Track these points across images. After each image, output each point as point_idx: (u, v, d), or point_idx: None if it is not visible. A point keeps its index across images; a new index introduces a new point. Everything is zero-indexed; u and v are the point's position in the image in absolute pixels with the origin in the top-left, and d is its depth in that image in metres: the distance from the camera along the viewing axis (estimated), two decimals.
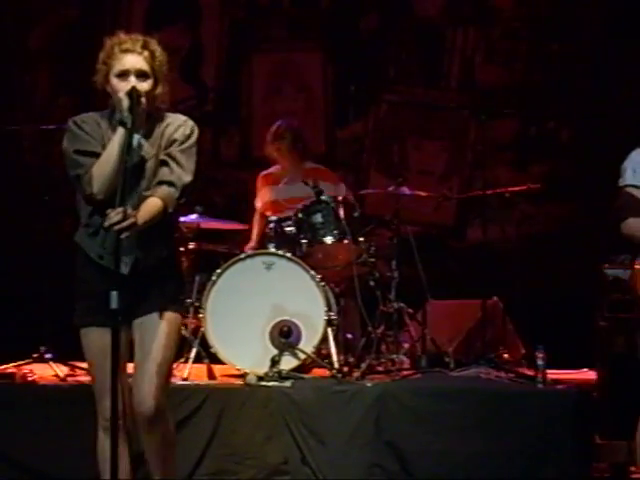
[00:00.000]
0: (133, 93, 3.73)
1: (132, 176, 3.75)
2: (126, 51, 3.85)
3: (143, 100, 3.76)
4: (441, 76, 8.52)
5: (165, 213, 3.81)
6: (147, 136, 3.88)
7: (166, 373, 3.93)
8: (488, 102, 7.87)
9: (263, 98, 8.65)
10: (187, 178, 3.87)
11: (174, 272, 4.03)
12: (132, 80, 3.80)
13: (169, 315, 3.90)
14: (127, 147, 3.67)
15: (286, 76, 8.62)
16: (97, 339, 3.84)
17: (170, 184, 3.83)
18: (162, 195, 3.81)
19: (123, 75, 3.81)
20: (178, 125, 3.93)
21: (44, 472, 5.35)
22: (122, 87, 3.79)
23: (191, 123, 3.97)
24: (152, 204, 3.78)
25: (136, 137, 3.78)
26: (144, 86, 3.82)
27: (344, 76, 8.48)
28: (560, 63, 8.11)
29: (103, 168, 3.72)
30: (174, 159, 3.86)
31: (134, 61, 3.83)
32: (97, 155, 3.79)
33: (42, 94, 8.49)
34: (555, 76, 8.12)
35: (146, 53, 3.87)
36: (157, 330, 3.86)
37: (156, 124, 3.93)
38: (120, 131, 3.72)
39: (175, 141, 3.90)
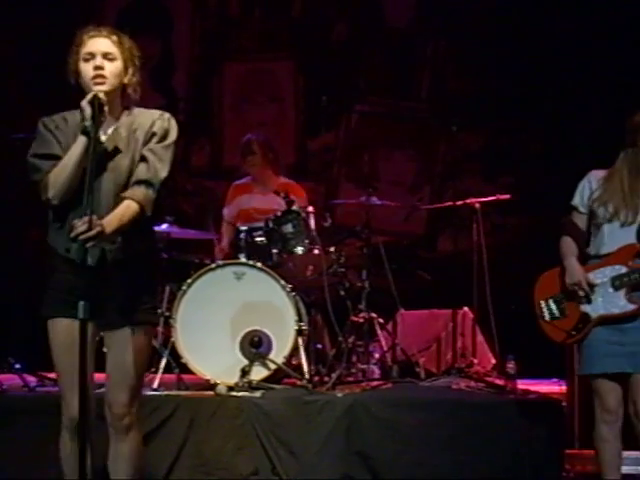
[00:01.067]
0: (95, 101, 3.67)
1: (99, 173, 3.71)
2: (93, 36, 3.83)
3: (106, 109, 3.70)
4: (412, 87, 8.56)
5: (142, 215, 3.77)
6: (115, 127, 3.83)
7: (139, 384, 3.90)
8: (458, 113, 7.89)
9: (234, 108, 8.65)
10: (164, 173, 3.82)
11: (149, 272, 3.96)
12: (98, 60, 3.76)
13: (142, 327, 3.87)
14: (91, 154, 3.60)
15: (257, 86, 8.63)
16: (64, 330, 3.79)
17: (148, 184, 3.78)
18: (139, 198, 3.76)
19: (89, 58, 3.77)
20: (154, 119, 3.89)
21: None
22: (88, 69, 3.75)
23: (167, 115, 3.93)
24: (125, 209, 3.73)
25: (106, 130, 3.76)
26: (112, 66, 3.78)
27: (315, 86, 8.50)
28: (530, 75, 8.16)
29: (59, 175, 3.69)
30: (154, 154, 3.82)
31: (100, 42, 3.80)
32: (56, 158, 3.75)
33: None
34: (525, 88, 8.16)
35: (114, 37, 3.85)
36: (130, 342, 3.82)
37: (124, 113, 3.89)
38: (82, 139, 3.68)
39: (154, 135, 3.86)
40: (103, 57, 3.78)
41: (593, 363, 4.51)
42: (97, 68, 3.77)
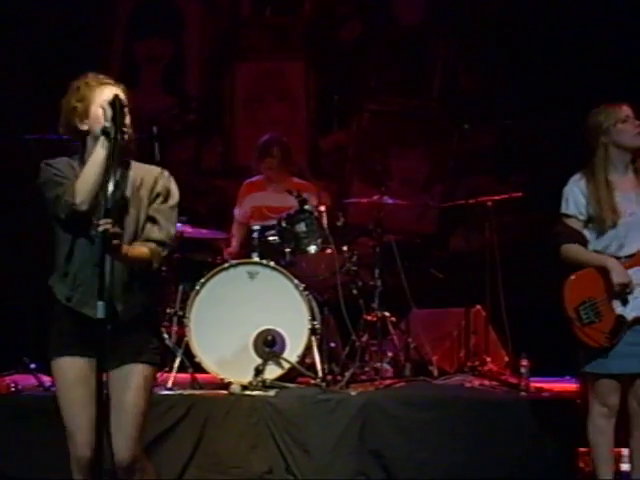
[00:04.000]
0: (116, 102, 3.66)
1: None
2: (104, 84, 3.82)
3: (126, 110, 3.70)
4: (423, 85, 8.56)
5: (150, 267, 3.80)
6: (121, 175, 3.82)
7: (141, 425, 3.85)
8: (470, 111, 7.89)
9: (245, 107, 8.65)
10: (172, 231, 3.88)
11: (152, 323, 3.99)
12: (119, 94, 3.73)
13: (144, 367, 3.85)
14: (112, 156, 3.61)
15: (268, 85, 8.63)
16: (68, 369, 3.80)
17: (159, 243, 3.83)
18: (150, 250, 3.80)
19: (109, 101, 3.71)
20: (156, 177, 3.89)
21: None
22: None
23: (167, 173, 3.94)
24: (140, 249, 3.77)
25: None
26: (127, 118, 3.73)
27: (327, 85, 8.50)
28: (542, 72, 8.15)
29: (86, 179, 3.66)
30: (163, 215, 3.85)
31: (116, 92, 3.76)
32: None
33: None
34: (536, 85, 8.15)
35: (122, 87, 3.85)
36: (131, 382, 3.81)
37: (129, 167, 3.88)
38: (102, 141, 3.66)
39: (159, 195, 3.87)
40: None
41: (612, 363, 4.50)
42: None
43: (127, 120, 3.72)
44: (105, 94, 3.75)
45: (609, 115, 4.62)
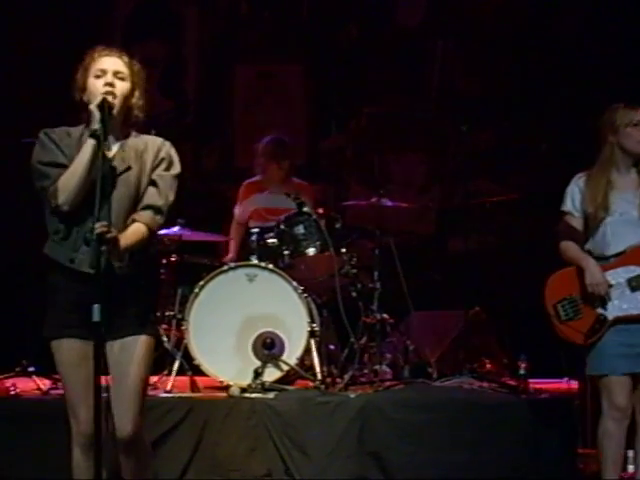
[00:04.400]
0: (104, 104, 3.70)
1: (108, 187, 3.71)
2: (105, 55, 3.87)
3: (115, 112, 3.75)
4: (421, 87, 8.56)
5: (150, 238, 3.85)
6: (121, 144, 3.88)
7: (142, 397, 3.88)
8: (468, 113, 7.89)
9: (244, 110, 8.66)
10: (171, 198, 3.90)
11: (151, 285, 4.01)
12: (109, 78, 3.79)
13: (144, 338, 3.87)
14: (101, 159, 3.63)
15: (267, 88, 8.63)
16: (69, 351, 3.81)
17: (157, 210, 3.86)
18: (147, 221, 3.83)
19: (100, 74, 3.81)
20: (159, 145, 3.95)
21: None
22: (98, 86, 3.78)
23: (169, 143, 3.99)
24: (137, 231, 3.80)
25: (110, 146, 3.79)
26: (122, 86, 3.81)
27: (325, 88, 8.51)
28: (540, 74, 8.16)
29: (70, 179, 3.70)
30: (165, 181, 3.89)
31: (112, 61, 3.85)
32: (63, 167, 3.77)
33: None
34: (534, 87, 8.16)
35: (125, 58, 3.90)
36: (134, 355, 3.83)
37: (131, 135, 3.94)
38: (90, 142, 3.70)
39: (163, 160, 3.91)
40: (114, 75, 3.82)
41: (605, 364, 4.52)
42: (108, 84, 3.80)
43: (120, 89, 3.79)
44: (103, 64, 3.82)
45: (623, 116, 4.63)
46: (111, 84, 3.80)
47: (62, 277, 3.83)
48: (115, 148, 3.86)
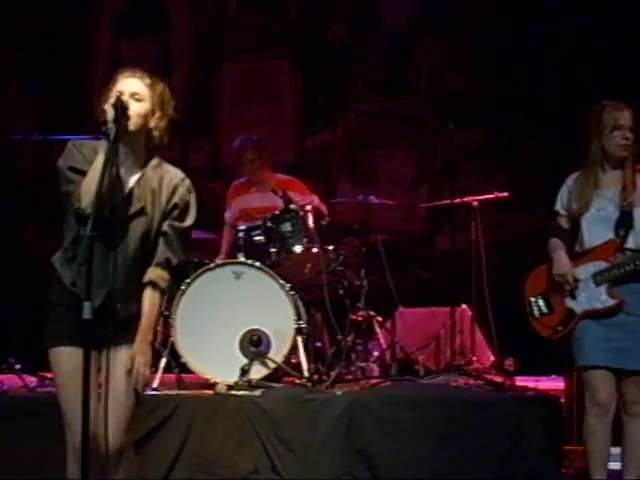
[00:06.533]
0: (118, 104, 3.67)
1: (124, 219, 3.75)
2: (126, 76, 3.85)
3: (130, 113, 3.71)
4: (409, 85, 8.57)
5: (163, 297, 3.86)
6: (139, 178, 3.85)
7: (131, 412, 3.86)
8: (456, 111, 7.91)
9: (232, 107, 8.66)
10: (183, 256, 3.89)
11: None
12: (124, 98, 3.74)
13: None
14: (112, 158, 3.61)
15: (255, 85, 8.64)
16: (66, 358, 3.79)
17: (169, 265, 3.85)
18: (159, 281, 3.83)
19: (118, 96, 3.74)
20: (177, 183, 3.91)
21: None
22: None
23: (188, 182, 3.96)
24: (153, 304, 3.83)
25: (122, 171, 3.77)
26: (136, 107, 3.77)
27: (313, 85, 8.52)
28: (527, 73, 8.18)
29: (90, 183, 3.67)
30: (177, 234, 3.87)
31: (129, 83, 3.81)
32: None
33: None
34: (522, 85, 8.18)
35: (147, 80, 3.86)
36: (122, 369, 3.80)
37: (151, 162, 3.90)
38: (103, 144, 3.66)
39: (176, 207, 3.88)
40: (130, 96, 3.78)
41: (584, 355, 4.56)
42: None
43: (134, 110, 3.75)
44: (122, 85, 3.80)
45: (609, 117, 4.64)
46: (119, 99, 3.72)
47: (63, 292, 3.82)
48: (133, 179, 3.83)
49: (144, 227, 3.83)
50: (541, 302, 4.75)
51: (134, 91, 3.80)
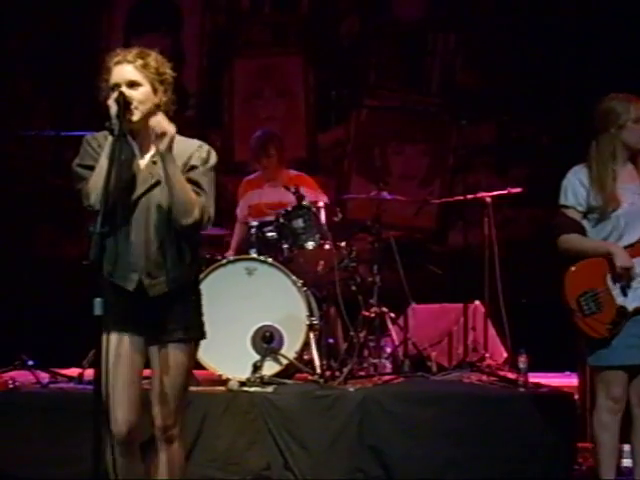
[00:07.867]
0: (120, 99, 3.66)
1: (140, 201, 3.76)
2: (117, 63, 3.80)
3: (133, 106, 3.70)
4: (422, 80, 8.56)
5: (200, 220, 3.78)
6: (152, 155, 3.83)
7: (181, 398, 3.92)
8: (469, 107, 7.88)
9: (244, 103, 8.65)
10: (211, 208, 3.84)
11: (194, 295, 4.04)
12: (123, 90, 3.72)
13: (187, 344, 3.91)
14: (117, 154, 3.59)
15: (267, 81, 8.63)
16: (115, 345, 3.81)
17: (202, 204, 3.80)
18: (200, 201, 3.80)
19: (115, 88, 3.74)
20: (192, 151, 3.89)
21: None
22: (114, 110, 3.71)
23: (207, 147, 3.94)
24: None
25: (132, 148, 3.78)
26: (135, 94, 3.74)
27: (325, 81, 8.51)
28: (540, 68, 8.15)
29: (97, 180, 3.66)
30: (197, 184, 3.83)
31: (123, 71, 3.77)
32: None
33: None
34: (535, 80, 8.15)
35: (139, 62, 3.81)
36: (175, 358, 3.86)
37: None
38: (110, 140, 3.65)
39: (194, 167, 3.86)
40: (128, 86, 3.75)
41: (616, 355, 4.48)
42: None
43: (137, 98, 3.73)
44: (115, 77, 3.76)
45: (628, 110, 4.58)
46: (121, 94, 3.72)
47: (106, 281, 3.82)
48: (147, 157, 3.83)
49: (165, 197, 3.79)
50: (590, 299, 4.54)
51: (130, 79, 3.76)
